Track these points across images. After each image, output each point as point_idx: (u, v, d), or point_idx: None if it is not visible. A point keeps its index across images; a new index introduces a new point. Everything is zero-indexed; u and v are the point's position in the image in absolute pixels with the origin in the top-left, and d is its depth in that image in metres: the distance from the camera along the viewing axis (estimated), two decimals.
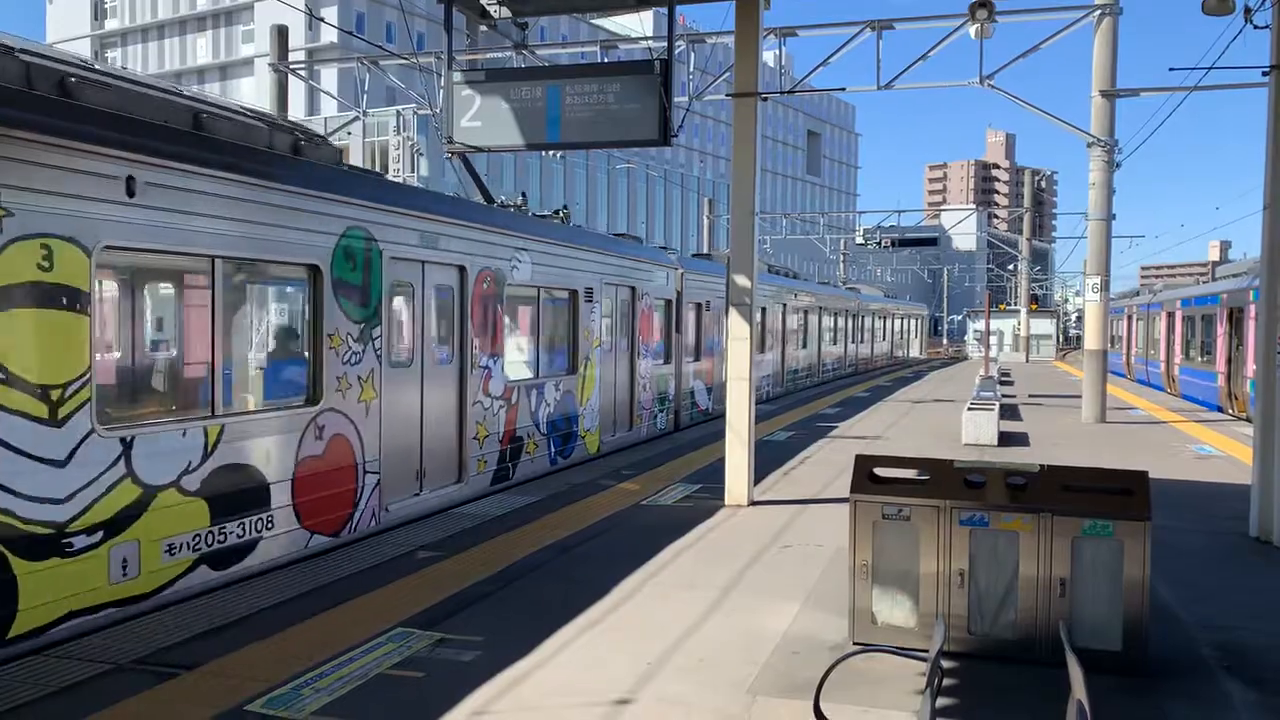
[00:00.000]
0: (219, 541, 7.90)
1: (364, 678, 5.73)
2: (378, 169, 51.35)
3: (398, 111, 50.19)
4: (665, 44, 10.49)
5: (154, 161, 7.22)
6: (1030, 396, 26.59)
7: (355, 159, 53.21)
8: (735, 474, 11.04)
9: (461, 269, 11.45)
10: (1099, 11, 18.59)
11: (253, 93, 66.34)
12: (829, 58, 17.68)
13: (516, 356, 13.23)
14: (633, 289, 17.12)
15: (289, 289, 9.12)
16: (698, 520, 10.16)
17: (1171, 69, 21.45)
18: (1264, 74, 9.90)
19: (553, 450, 14.14)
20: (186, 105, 8.06)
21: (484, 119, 10.45)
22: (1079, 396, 21.39)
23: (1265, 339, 9.65)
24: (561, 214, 15.87)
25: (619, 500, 11.23)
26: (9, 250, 6.17)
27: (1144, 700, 5.54)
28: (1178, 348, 30.27)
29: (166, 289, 8.27)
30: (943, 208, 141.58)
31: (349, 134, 49.06)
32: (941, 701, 5.38)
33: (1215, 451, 15.76)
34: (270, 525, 8.46)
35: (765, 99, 11.77)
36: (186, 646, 6.22)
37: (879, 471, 6.42)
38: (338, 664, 5.95)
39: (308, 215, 8.84)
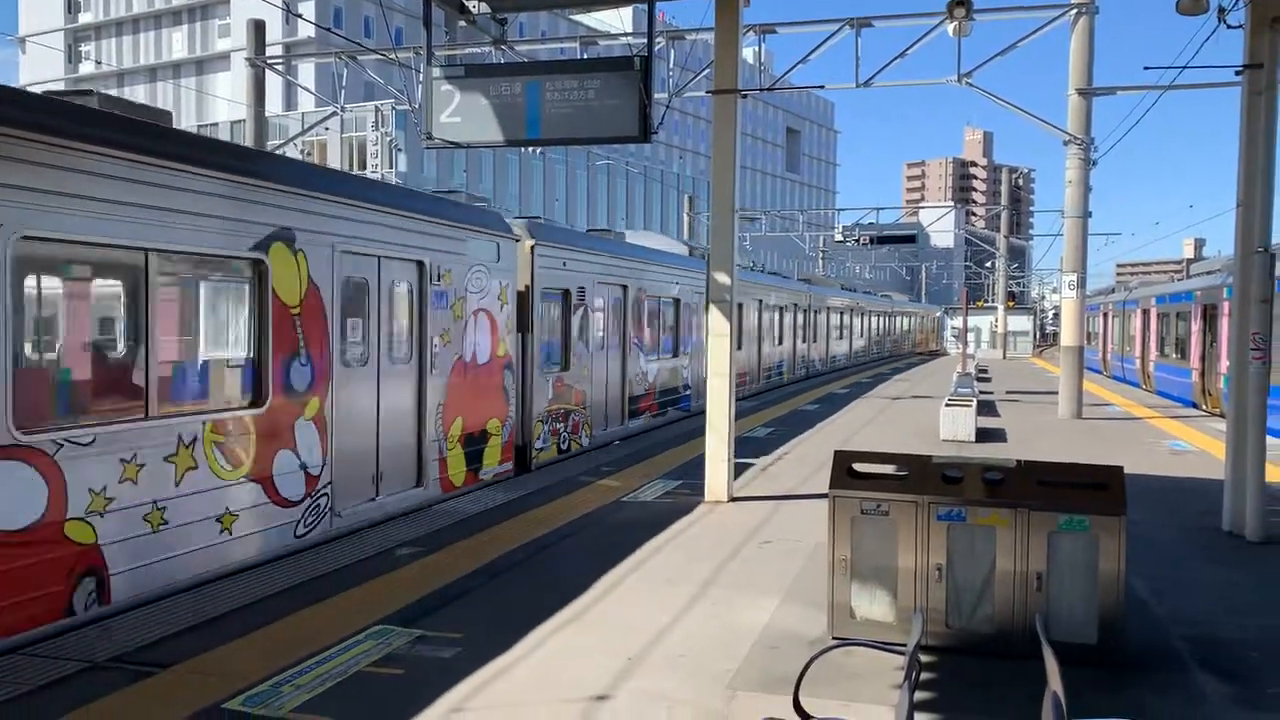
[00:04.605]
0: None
1: (343, 675, 5.72)
2: (355, 165, 51.08)
3: (376, 107, 49.93)
4: (645, 40, 10.49)
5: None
6: (1008, 393, 26.76)
7: (333, 155, 52.89)
8: (715, 470, 11.06)
9: (761, 301, 28.20)
10: (1075, 10, 18.71)
11: (228, 88, 65.82)
12: (808, 55, 17.73)
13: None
14: (795, 304, 31.81)
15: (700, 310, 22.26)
16: (677, 516, 10.18)
17: (1146, 68, 21.61)
18: (1237, 73, 10.00)
19: (801, 375, 33.48)
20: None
21: (463, 115, 10.41)
22: (1056, 393, 21.54)
23: (1238, 336, 9.76)
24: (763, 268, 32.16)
25: (599, 496, 11.23)
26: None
27: (1119, 693, 5.59)
28: (1153, 344, 30.53)
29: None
30: (921, 205, 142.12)
31: (326, 129, 48.76)
32: (919, 695, 5.42)
33: (1189, 447, 15.92)
34: (750, 382, 26.34)
35: (745, 96, 11.79)
36: (164, 645, 6.18)
37: (858, 467, 6.45)
38: (317, 661, 5.93)
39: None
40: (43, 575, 6.58)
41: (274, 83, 45.94)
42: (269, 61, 24.64)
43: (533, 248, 13.81)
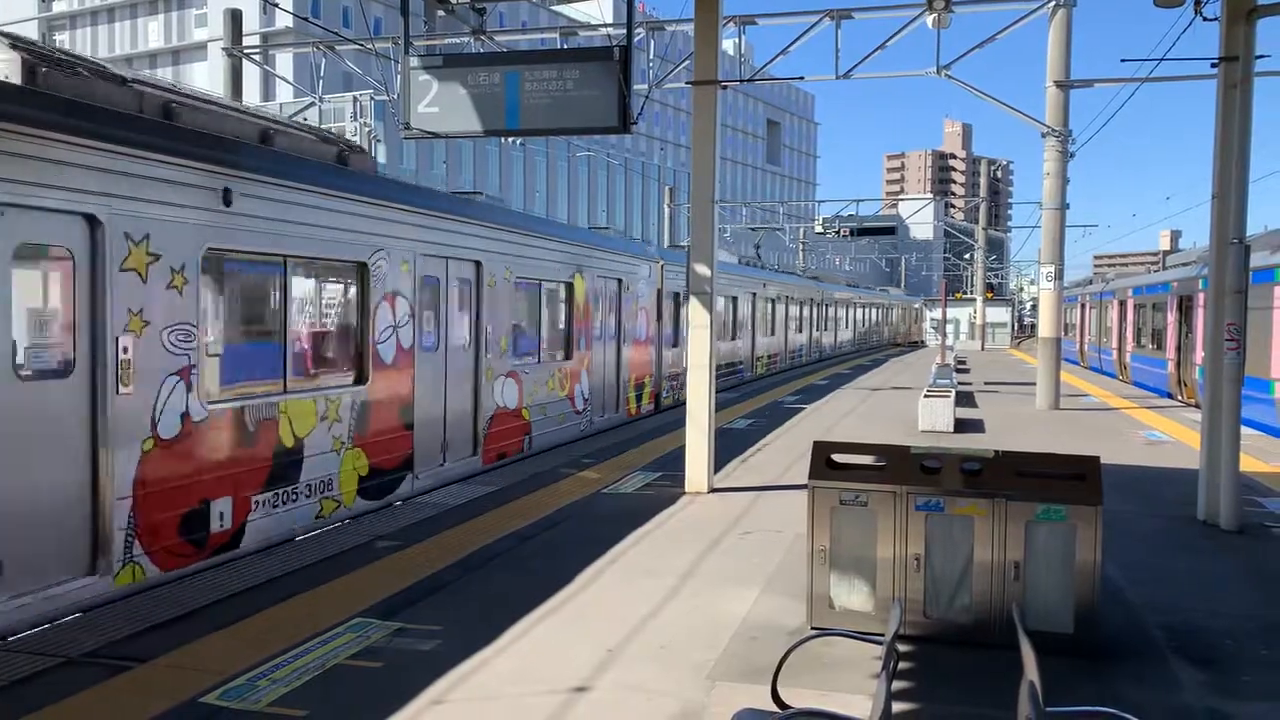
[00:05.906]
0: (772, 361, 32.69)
1: (321, 668, 5.69)
2: None
3: (354, 97, 49.50)
4: (625, 31, 10.45)
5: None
6: (986, 384, 26.91)
7: None
8: (695, 461, 11.07)
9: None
10: (1053, 3, 18.78)
11: (205, 78, 65.23)
12: (788, 46, 17.70)
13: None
14: (811, 299, 38.99)
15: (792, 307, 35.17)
16: (658, 508, 10.18)
17: (1124, 60, 21.79)
18: (1212, 65, 10.06)
19: (815, 358, 40.55)
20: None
21: (441, 105, 10.35)
22: (1033, 383, 21.67)
23: (1214, 327, 9.84)
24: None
25: (579, 488, 11.22)
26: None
27: (1095, 681, 5.64)
28: (1130, 335, 30.77)
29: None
30: (901, 197, 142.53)
31: (305, 119, 48.42)
32: (897, 684, 5.45)
33: (1165, 437, 16.06)
34: (780, 361, 33.84)
35: (725, 87, 11.77)
36: (140, 639, 6.13)
37: (837, 458, 6.47)
38: (295, 655, 5.90)
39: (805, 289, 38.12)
40: (518, 432, 13.92)
41: (251, 73, 45.57)
42: (246, 51, 24.43)
43: (661, 266, 20.71)
